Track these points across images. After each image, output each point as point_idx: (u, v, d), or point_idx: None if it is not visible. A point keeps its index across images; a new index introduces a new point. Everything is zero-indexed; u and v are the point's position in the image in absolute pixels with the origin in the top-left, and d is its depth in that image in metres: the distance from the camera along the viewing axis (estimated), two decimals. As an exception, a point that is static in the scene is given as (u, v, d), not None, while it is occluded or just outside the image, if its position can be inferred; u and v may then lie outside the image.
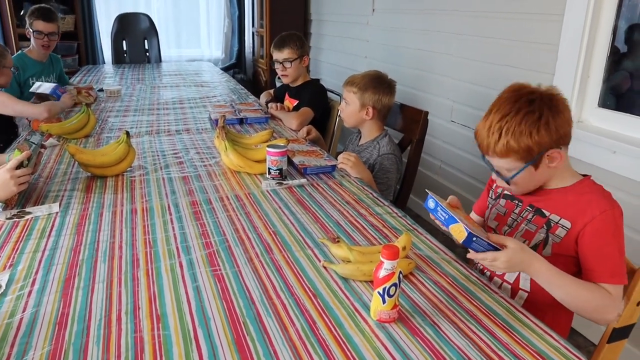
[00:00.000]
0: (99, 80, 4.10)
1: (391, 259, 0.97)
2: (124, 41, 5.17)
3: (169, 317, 1.02)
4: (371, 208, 1.58)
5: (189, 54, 6.07)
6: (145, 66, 4.93)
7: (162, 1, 5.85)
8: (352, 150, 2.19)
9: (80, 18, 5.22)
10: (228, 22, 6.07)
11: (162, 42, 5.39)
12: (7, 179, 1.46)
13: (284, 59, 2.74)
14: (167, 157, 2.09)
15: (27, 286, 1.13)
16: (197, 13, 6.06)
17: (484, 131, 1.23)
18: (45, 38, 3.11)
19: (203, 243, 1.34)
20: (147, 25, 5.22)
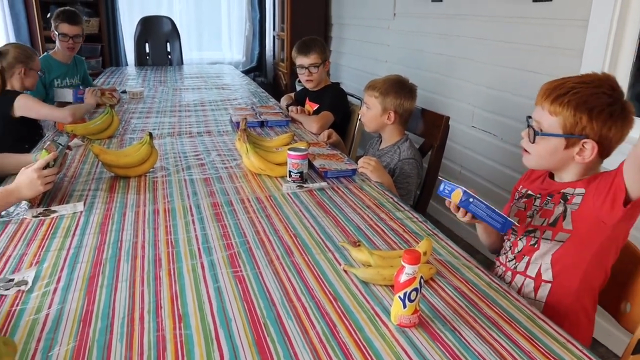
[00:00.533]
0: (122, 82, 4.16)
1: (413, 263, 0.97)
2: (146, 44, 5.23)
3: (190, 316, 1.03)
4: (391, 213, 1.58)
5: (210, 57, 6.13)
6: (167, 68, 4.99)
7: (184, 4, 5.92)
8: (373, 155, 2.19)
9: (105, 21, 5.31)
10: (249, 26, 6.12)
11: (184, 44, 5.45)
12: (35, 178, 1.49)
13: (310, 64, 2.75)
14: (188, 158, 2.11)
15: (53, 283, 1.15)
16: (219, 16, 6.12)
17: (554, 82, 1.26)
18: (70, 40, 3.17)
19: (224, 244, 1.35)
20: (170, 28, 5.29)
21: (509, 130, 2.73)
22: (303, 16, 5.07)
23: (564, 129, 1.22)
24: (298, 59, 2.79)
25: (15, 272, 1.19)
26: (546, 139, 1.26)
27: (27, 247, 1.32)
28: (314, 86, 2.84)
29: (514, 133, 2.65)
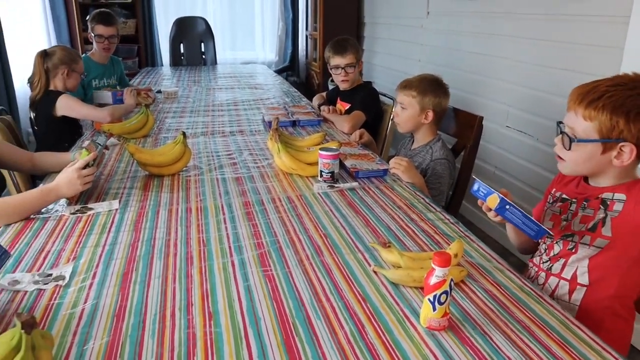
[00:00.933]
0: (157, 82, 4.24)
1: (443, 265, 0.95)
2: (181, 44, 5.32)
3: (220, 315, 1.04)
4: (423, 214, 1.56)
5: (243, 57, 6.18)
6: (201, 68, 5.07)
7: (218, 5, 5.99)
8: (405, 155, 2.18)
9: (141, 22, 5.42)
10: (282, 25, 6.15)
11: (217, 44, 5.51)
12: (74, 178, 1.54)
13: (347, 64, 2.74)
14: (221, 157, 2.14)
15: (89, 279, 1.18)
16: (252, 16, 6.17)
17: (586, 87, 1.22)
18: (106, 41, 3.25)
19: (255, 243, 1.36)
20: (204, 28, 5.36)
21: (544, 130, 2.67)
22: (335, 15, 5.07)
23: (600, 134, 1.18)
24: (334, 59, 2.78)
25: (54, 267, 1.23)
26: (582, 145, 1.22)
27: (64, 243, 1.36)
28: (349, 86, 2.83)
29: (549, 133, 2.59)
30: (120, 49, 5.32)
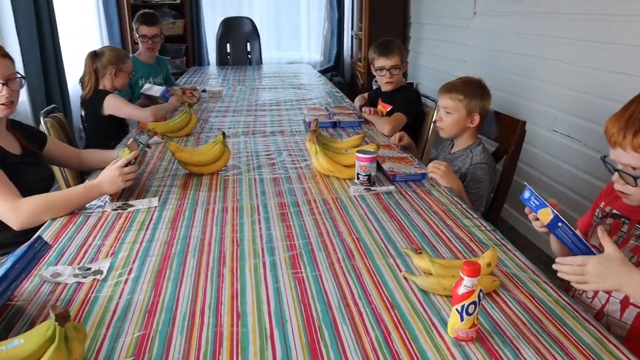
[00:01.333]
0: (203, 81, 4.32)
1: (472, 276, 0.94)
2: (227, 44, 5.40)
3: (248, 315, 1.05)
4: (459, 220, 1.54)
5: (288, 57, 6.23)
6: (247, 68, 5.13)
7: (265, 5, 6.06)
8: (444, 159, 2.14)
9: (189, 22, 5.54)
10: (328, 25, 6.16)
11: (263, 44, 5.57)
12: (117, 175, 1.59)
13: (392, 66, 2.72)
14: (260, 158, 2.16)
15: (125, 274, 1.22)
16: (298, 16, 6.21)
17: (620, 121, 1.15)
18: (149, 41, 3.34)
19: (287, 245, 1.37)
20: (250, 28, 5.43)
21: (593, 135, 2.57)
22: (381, 16, 5.03)
23: None
24: (379, 60, 2.75)
25: (93, 262, 1.27)
26: None
27: (104, 238, 1.41)
28: (393, 87, 2.80)
29: (599, 139, 2.49)
30: (168, 48, 5.47)
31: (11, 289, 0.98)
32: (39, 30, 3.10)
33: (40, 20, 3.11)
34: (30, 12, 3.00)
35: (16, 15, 2.88)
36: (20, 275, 1.02)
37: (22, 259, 1.03)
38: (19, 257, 1.03)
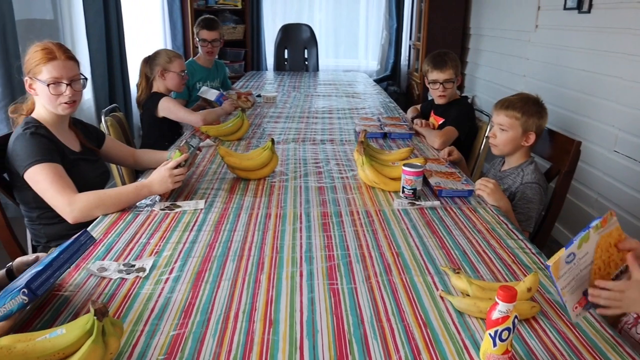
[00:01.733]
0: (260, 86, 4.40)
1: (507, 301, 0.91)
2: (285, 50, 5.49)
3: (280, 323, 1.07)
4: (503, 240, 1.50)
5: (345, 64, 6.26)
6: (303, 74, 5.19)
7: (324, 13, 6.12)
8: (494, 176, 2.10)
9: (249, 28, 5.67)
10: (386, 34, 6.15)
11: (321, 51, 5.63)
12: (166, 177, 1.65)
13: (445, 80, 2.67)
14: (308, 165, 2.18)
15: (166, 273, 1.26)
16: (357, 25, 6.23)
17: None
18: (209, 45, 3.44)
19: (326, 255, 1.38)
20: (308, 35, 5.49)
21: (657, 159, 2.45)
22: (440, 26, 4.98)
23: None
24: (432, 73, 2.71)
25: (137, 259, 1.32)
26: None
27: (150, 237, 1.46)
28: (446, 101, 2.76)
29: (663, 163, 2.38)
30: (228, 52, 5.61)
31: (55, 277, 1.03)
32: (107, 33, 3.26)
33: (108, 24, 3.26)
34: (99, 17, 3.16)
35: (87, 19, 3.03)
36: (64, 265, 1.07)
37: (68, 250, 1.09)
38: (64, 248, 1.09)
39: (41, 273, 0.99)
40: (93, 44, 3.09)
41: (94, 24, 3.09)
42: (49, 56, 1.62)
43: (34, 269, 1.06)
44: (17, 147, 1.61)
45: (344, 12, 6.17)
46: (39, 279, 0.98)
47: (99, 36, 3.16)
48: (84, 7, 3.01)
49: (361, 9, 6.17)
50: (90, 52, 3.07)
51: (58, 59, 1.63)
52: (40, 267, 1.01)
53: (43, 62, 1.62)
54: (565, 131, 3.04)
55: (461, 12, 5.00)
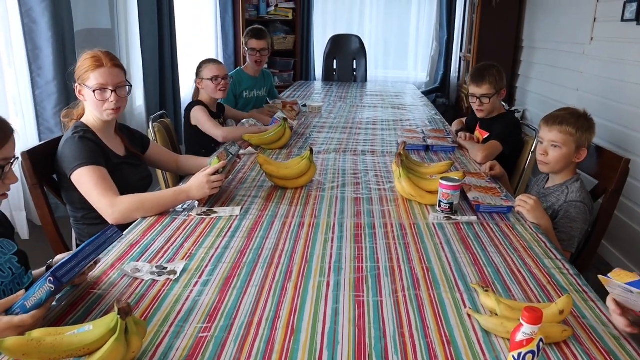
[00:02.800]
0: (307, 95, 4.44)
1: (531, 323, 0.88)
2: (334, 60, 5.52)
3: (302, 332, 1.07)
4: (539, 259, 1.45)
5: (394, 76, 6.24)
6: (351, 85, 5.20)
7: (374, 24, 6.12)
8: (537, 193, 2.04)
9: (299, 38, 5.75)
10: (436, 46, 6.09)
11: (369, 62, 5.63)
12: (204, 182, 1.69)
13: (482, 95, 2.63)
14: (346, 176, 2.18)
15: (195, 277, 1.29)
16: (407, 36, 6.20)
17: None
18: (257, 54, 3.50)
19: (355, 267, 1.38)
20: (357, 46, 5.51)
21: None
22: (491, 38, 4.89)
23: None
24: (470, 87, 2.69)
25: (170, 262, 1.36)
26: None
27: (185, 241, 1.50)
28: (485, 115, 2.71)
29: None
30: (278, 62, 5.70)
31: (80, 266, 1.07)
32: (160, 42, 3.38)
33: (162, 33, 3.38)
34: (154, 26, 3.28)
35: (142, 28, 3.15)
36: (90, 256, 1.11)
37: (94, 243, 1.13)
38: (91, 241, 1.13)
39: (67, 263, 1.04)
40: (146, 52, 3.20)
41: (148, 33, 3.21)
42: (96, 64, 1.71)
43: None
44: (65, 150, 1.69)
45: (394, 23, 6.16)
46: (64, 268, 1.02)
47: (153, 45, 3.28)
48: (139, 16, 3.13)
49: (412, 20, 6.14)
50: (144, 60, 3.19)
51: (105, 67, 1.71)
52: (67, 258, 1.06)
53: (91, 69, 1.70)
54: (616, 146, 2.93)
55: (513, 23, 4.90)
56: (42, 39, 2.21)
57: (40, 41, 2.21)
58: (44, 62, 2.24)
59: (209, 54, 4.61)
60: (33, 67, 2.24)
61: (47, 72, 2.25)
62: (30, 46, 2.21)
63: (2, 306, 1.02)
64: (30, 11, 2.17)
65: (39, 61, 2.24)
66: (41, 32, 2.20)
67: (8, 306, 1.02)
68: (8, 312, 1.01)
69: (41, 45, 2.22)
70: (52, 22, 2.19)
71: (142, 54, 3.18)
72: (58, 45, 2.24)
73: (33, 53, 2.22)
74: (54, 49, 2.22)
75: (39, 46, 2.22)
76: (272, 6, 5.70)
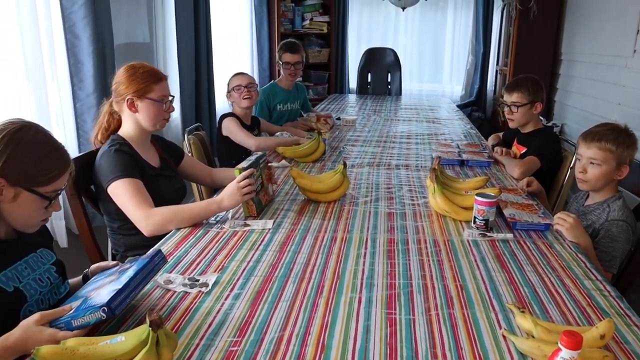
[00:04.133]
0: (341, 108, 4.45)
1: (571, 347, 0.85)
2: (369, 73, 5.52)
3: (332, 349, 1.06)
4: (579, 280, 1.40)
5: (429, 89, 6.19)
6: (385, 98, 5.18)
7: (409, 37, 6.10)
8: (576, 210, 1.98)
9: (334, 51, 5.77)
10: (472, 59, 6.03)
11: (404, 75, 5.60)
12: (235, 190, 1.70)
13: (512, 103, 2.61)
14: (380, 190, 2.16)
15: (227, 290, 1.29)
16: (442, 49, 6.16)
17: None
18: (292, 67, 3.53)
19: (387, 283, 1.36)
20: (392, 59, 5.49)
21: None
22: (529, 51, 4.80)
23: None
24: (504, 95, 2.69)
25: (202, 275, 1.37)
26: None
27: (217, 253, 1.51)
28: (516, 126, 2.67)
29: None
30: (312, 75, 5.74)
31: (131, 297, 1.10)
32: (197, 55, 3.45)
33: (198, 47, 3.45)
34: (190, 40, 3.35)
35: (179, 42, 3.22)
36: (140, 285, 1.14)
37: (143, 270, 1.15)
38: (141, 268, 1.15)
39: (120, 293, 1.06)
40: (183, 65, 3.27)
41: (185, 46, 3.28)
42: (157, 76, 1.81)
43: (112, 283, 1.12)
44: (102, 162, 1.73)
45: (429, 36, 6.13)
46: (118, 298, 1.05)
47: (189, 58, 3.35)
48: (176, 30, 3.20)
49: (447, 33, 6.09)
50: (180, 72, 3.26)
51: (163, 79, 1.83)
52: (120, 287, 1.07)
53: (153, 81, 1.79)
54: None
55: (552, 36, 4.80)
56: (83, 53, 2.28)
57: (82, 55, 2.29)
58: (85, 75, 2.31)
59: (243, 68, 4.67)
60: (74, 81, 2.31)
61: (88, 85, 2.32)
62: (72, 60, 2.29)
63: (49, 317, 1.04)
64: (73, 27, 2.25)
65: (80, 74, 2.31)
66: (83, 46, 2.27)
67: (54, 317, 1.04)
68: (52, 324, 1.03)
69: (83, 59, 2.29)
70: (93, 37, 2.27)
71: (179, 67, 3.25)
72: (99, 59, 2.31)
73: (75, 67, 2.30)
74: (95, 63, 2.30)
75: (81, 60, 2.29)
76: (307, 20, 5.75)
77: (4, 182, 1.14)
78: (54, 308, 1.13)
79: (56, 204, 1.26)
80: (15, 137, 1.16)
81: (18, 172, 1.16)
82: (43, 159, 1.20)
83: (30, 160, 1.18)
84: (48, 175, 1.21)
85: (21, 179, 1.17)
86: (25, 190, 1.17)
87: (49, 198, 1.22)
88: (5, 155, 1.14)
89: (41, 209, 1.22)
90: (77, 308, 1.05)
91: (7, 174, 1.14)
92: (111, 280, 1.15)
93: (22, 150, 1.16)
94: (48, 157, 1.21)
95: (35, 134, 1.21)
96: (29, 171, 1.17)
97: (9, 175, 1.14)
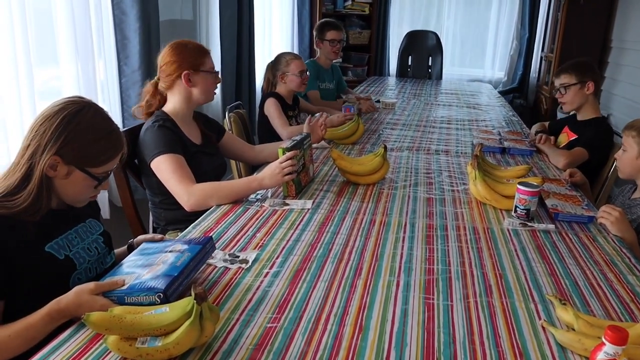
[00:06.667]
0: (380, 91, 4.41)
1: (616, 343, 0.84)
2: (409, 56, 5.44)
3: (370, 330, 1.07)
4: (623, 275, 1.37)
5: (470, 74, 6.08)
6: (425, 82, 5.11)
7: (452, 20, 5.99)
8: (621, 204, 1.93)
9: (375, 33, 5.71)
10: (516, 45, 5.87)
11: (445, 59, 5.51)
12: (276, 170, 1.72)
13: (560, 85, 2.55)
14: (419, 175, 2.15)
15: (267, 267, 1.31)
16: (486, 34, 6.02)
17: None
18: (338, 45, 3.52)
19: (425, 268, 1.35)
20: (434, 42, 5.40)
21: None
22: (577, 37, 4.64)
23: None
24: (555, 81, 2.62)
25: (242, 251, 1.39)
26: None
27: (257, 231, 1.53)
28: (570, 109, 2.60)
29: None
30: (352, 56, 5.69)
31: (183, 284, 1.12)
32: (239, 34, 3.46)
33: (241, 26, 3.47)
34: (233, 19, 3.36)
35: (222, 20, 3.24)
36: (192, 272, 1.17)
37: (195, 258, 1.18)
38: (194, 255, 1.18)
39: (175, 280, 1.09)
40: (225, 44, 3.29)
41: (227, 25, 3.29)
42: (204, 50, 1.88)
43: (165, 265, 1.14)
44: (146, 138, 1.77)
45: (473, 20, 5.99)
46: (174, 285, 1.08)
47: (231, 36, 3.36)
48: (220, 9, 3.22)
49: (492, 17, 5.95)
50: (222, 51, 3.28)
51: (209, 53, 1.89)
52: (176, 273, 1.10)
53: (203, 54, 1.85)
54: None
55: (602, 22, 4.63)
56: (130, 29, 2.32)
57: (128, 32, 2.33)
58: (131, 51, 2.35)
59: (284, 47, 4.67)
60: (121, 57, 2.36)
61: (133, 61, 2.36)
62: (119, 36, 2.33)
63: (103, 288, 1.08)
64: (121, 3, 2.28)
65: (127, 50, 2.35)
66: (130, 22, 2.31)
67: (108, 290, 1.08)
68: (105, 295, 1.07)
69: (129, 35, 2.33)
70: (140, 13, 2.30)
71: (220, 45, 3.27)
72: (144, 35, 2.35)
73: (122, 43, 2.34)
74: (141, 39, 2.33)
75: (128, 36, 2.33)
76: (349, 0, 5.69)
77: (59, 160, 1.18)
78: (101, 277, 1.17)
79: (105, 184, 1.30)
80: (74, 118, 1.19)
81: (73, 152, 1.19)
82: (98, 141, 1.23)
83: (87, 143, 1.21)
84: (101, 157, 1.24)
85: (75, 159, 1.20)
86: (77, 169, 1.21)
87: (98, 179, 1.26)
88: (63, 136, 1.17)
89: (90, 187, 1.26)
90: (130, 285, 1.08)
91: (64, 153, 1.18)
92: (163, 260, 1.18)
93: (80, 132, 1.20)
94: (103, 140, 1.25)
95: (94, 115, 1.24)
96: (83, 152, 1.21)
97: (64, 154, 1.18)
